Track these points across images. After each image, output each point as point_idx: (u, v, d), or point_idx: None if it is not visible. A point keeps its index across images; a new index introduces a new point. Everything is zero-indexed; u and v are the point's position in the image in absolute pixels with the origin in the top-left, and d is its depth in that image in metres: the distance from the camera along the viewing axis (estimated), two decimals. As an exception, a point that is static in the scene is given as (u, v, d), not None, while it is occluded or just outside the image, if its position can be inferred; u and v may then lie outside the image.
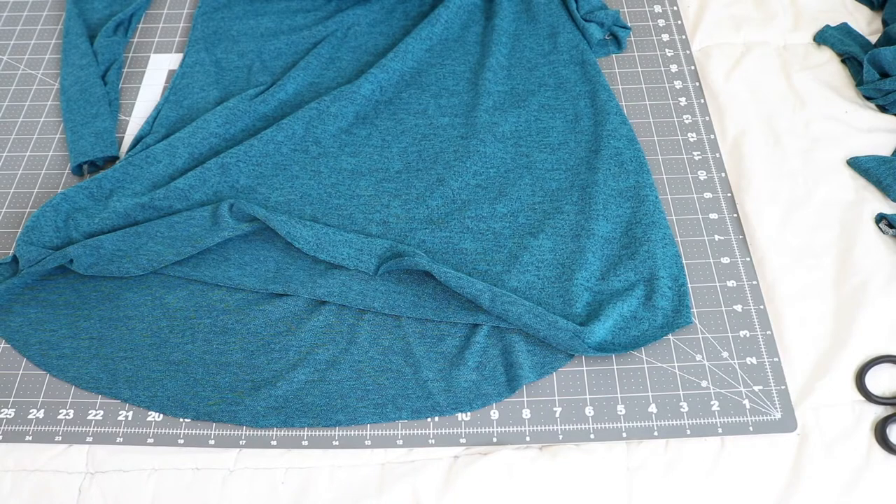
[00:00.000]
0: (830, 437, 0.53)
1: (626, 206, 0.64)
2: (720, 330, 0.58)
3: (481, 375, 0.56)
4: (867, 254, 0.60)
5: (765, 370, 0.56)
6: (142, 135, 0.70)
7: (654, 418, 0.54)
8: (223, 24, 0.80)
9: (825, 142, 0.68)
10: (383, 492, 0.52)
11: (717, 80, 0.73)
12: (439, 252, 0.62)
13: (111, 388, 0.56)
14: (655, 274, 0.59)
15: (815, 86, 0.72)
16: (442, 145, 0.69)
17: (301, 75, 0.73)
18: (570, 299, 0.58)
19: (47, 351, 0.58)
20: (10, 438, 0.54)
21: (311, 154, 0.68)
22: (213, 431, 0.54)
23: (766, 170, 0.66)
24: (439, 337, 0.57)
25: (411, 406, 0.55)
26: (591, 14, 0.77)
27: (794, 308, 0.58)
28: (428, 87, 0.73)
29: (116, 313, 0.59)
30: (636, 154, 0.67)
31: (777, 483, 0.52)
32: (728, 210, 0.64)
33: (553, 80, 0.73)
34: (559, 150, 0.68)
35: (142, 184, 0.66)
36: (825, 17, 0.77)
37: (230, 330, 0.58)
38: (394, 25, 0.79)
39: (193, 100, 0.73)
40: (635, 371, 0.56)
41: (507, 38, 0.76)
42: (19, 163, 0.70)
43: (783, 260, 0.61)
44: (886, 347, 0.56)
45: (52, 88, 0.76)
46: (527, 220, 0.63)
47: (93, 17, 0.80)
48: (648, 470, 0.52)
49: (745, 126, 0.69)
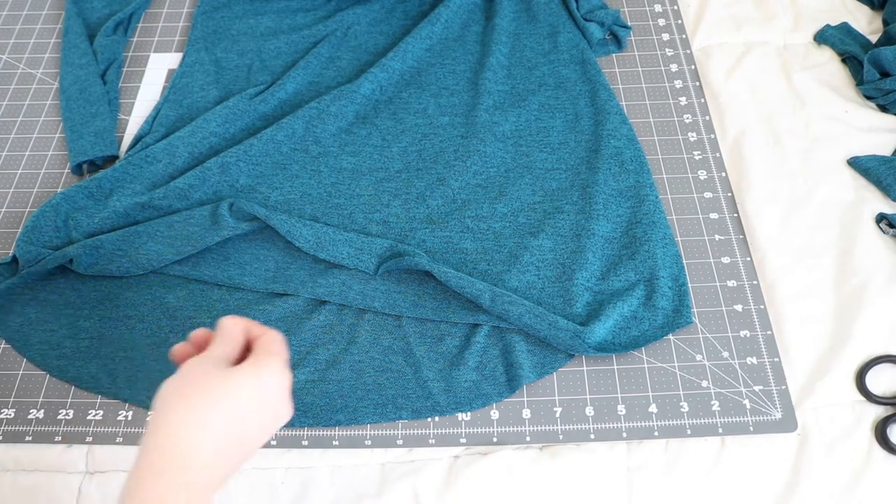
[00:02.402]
0: (830, 437, 0.53)
1: (626, 206, 0.64)
2: (720, 330, 0.58)
3: (481, 375, 0.56)
4: (867, 254, 0.60)
5: (765, 370, 0.56)
6: (141, 134, 0.70)
7: (654, 418, 0.54)
8: (223, 23, 0.80)
9: (825, 141, 0.68)
10: (383, 492, 0.52)
11: (718, 79, 0.73)
12: (439, 252, 0.61)
13: (111, 388, 0.56)
14: (656, 274, 0.59)
15: (816, 86, 0.72)
16: (442, 145, 0.69)
17: (301, 75, 0.73)
18: (571, 299, 0.58)
19: (47, 351, 0.58)
20: (10, 438, 0.54)
21: (311, 153, 0.68)
22: (213, 431, 0.54)
23: (767, 169, 0.66)
24: (439, 337, 0.57)
25: (411, 406, 0.55)
26: (592, 13, 0.77)
27: (794, 308, 0.58)
28: (428, 86, 0.73)
29: (116, 313, 0.59)
30: (636, 154, 0.67)
31: (777, 483, 0.52)
32: (728, 210, 0.64)
33: (553, 80, 0.73)
34: (559, 150, 0.68)
35: (141, 183, 0.65)
36: (825, 16, 0.77)
37: (230, 330, 0.58)
38: (394, 25, 0.79)
39: (193, 99, 0.73)
40: (635, 371, 0.56)
41: (507, 37, 0.76)
42: (19, 162, 0.70)
43: (783, 260, 0.61)
44: (887, 347, 0.56)
45: (51, 88, 0.76)
46: (527, 219, 0.63)
47: (92, 16, 0.80)
48: (649, 470, 0.52)
49: (745, 126, 0.69)
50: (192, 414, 0.37)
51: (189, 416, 0.37)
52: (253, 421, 0.39)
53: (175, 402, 0.38)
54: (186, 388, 0.38)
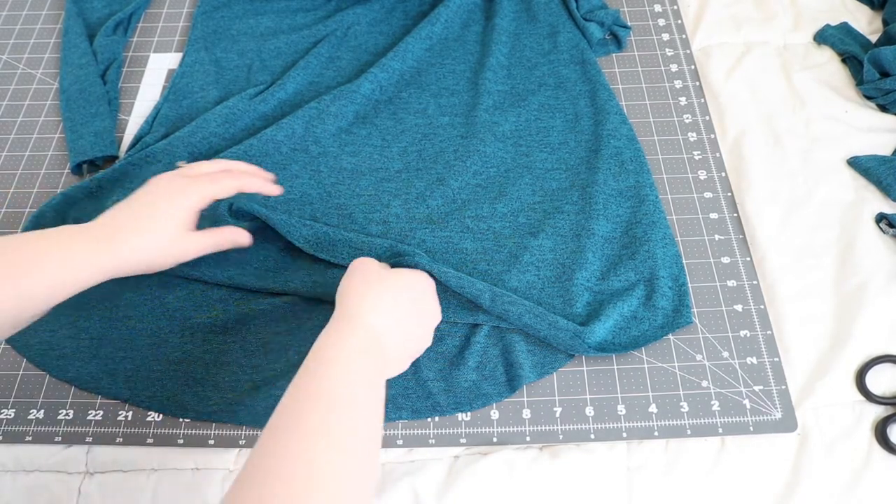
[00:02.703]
0: (830, 437, 0.53)
1: (626, 206, 0.64)
2: (720, 330, 0.58)
3: (481, 375, 0.56)
4: (867, 254, 0.60)
5: (765, 370, 0.56)
6: (141, 134, 0.70)
7: (654, 418, 0.54)
8: (223, 23, 0.80)
9: (825, 141, 0.68)
10: (383, 492, 0.52)
11: (718, 79, 0.73)
12: (439, 252, 0.61)
13: (111, 388, 0.56)
14: (655, 274, 0.59)
15: (816, 86, 0.72)
16: (442, 145, 0.69)
17: (301, 75, 0.73)
18: (571, 299, 0.58)
19: (47, 351, 0.58)
20: (10, 438, 0.54)
21: (311, 153, 0.68)
22: (213, 431, 0.54)
23: (766, 169, 0.66)
24: (439, 337, 0.57)
25: (411, 406, 0.55)
26: (591, 13, 0.77)
27: (794, 308, 0.58)
28: (428, 86, 0.73)
29: (116, 313, 0.59)
30: (636, 154, 0.67)
31: (777, 483, 0.52)
32: (728, 210, 0.64)
33: (553, 80, 0.73)
34: (559, 150, 0.68)
35: (141, 183, 0.65)
36: (825, 16, 0.77)
37: (230, 330, 0.58)
38: (394, 25, 0.79)
39: (193, 99, 0.73)
40: (635, 371, 0.56)
41: (507, 37, 0.76)
42: (18, 162, 0.70)
43: (783, 260, 0.61)
44: (887, 347, 0.56)
45: (51, 88, 0.76)
46: (527, 219, 0.63)
47: (92, 16, 0.80)
48: (648, 470, 0.52)
49: (745, 126, 0.69)
50: (381, 301, 0.46)
51: (378, 304, 0.46)
52: (422, 309, 0.51)
53: (363, 292, 0.47)
54: (369, 281, 0.48)
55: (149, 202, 0.51)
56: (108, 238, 0.48)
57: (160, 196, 0.51)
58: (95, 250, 0.48)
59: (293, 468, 0.35)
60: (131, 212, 0.50)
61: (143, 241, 0.49)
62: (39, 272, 0.45)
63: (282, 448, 0.36)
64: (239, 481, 0.35)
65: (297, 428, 0.37)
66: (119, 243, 0.48)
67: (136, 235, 0.49)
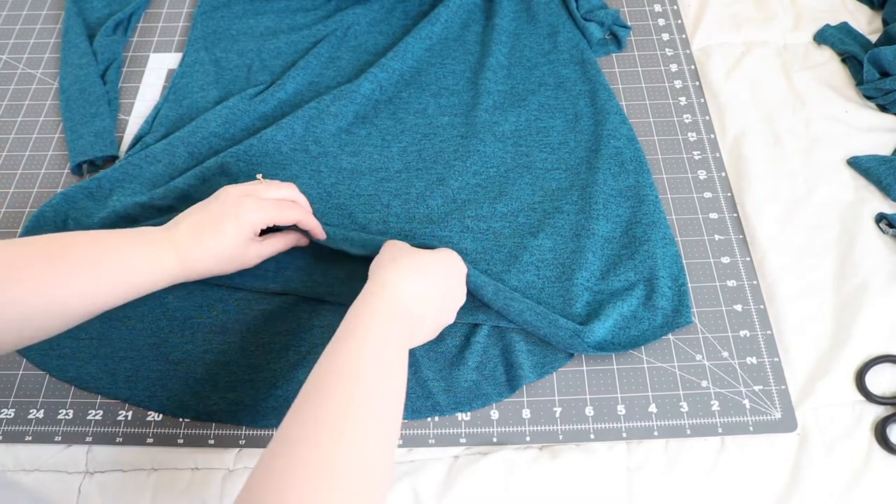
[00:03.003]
0: (830, 437, 0.53)
1: (626, 206, 0.64)
2: (720, 330, 0.58)
3: (481, 375, 0.56)
4: (867, 254, 0.60)
5: (765, 370, 0.56)
6: (141, 134, 0.70)
7: (654, 418, 0.54)
8: (223, 23, 0.80)
9: (825, 141, 0.68)
10: (383, 492, 0.52)
11: (717, 79, 0.73)
12: (439, 252, 0.61)
13: (111, 388, 0.56)
14: (655, 273, 0.59)
15: (815, 85, 0.72)
16: (442, 145, 0.69)
17: (301, 75, 0.73)
18: (571, 299, 0.58)
19: (47, 351, 0.58)
20: (10, 438, 0.54)
21: (311, 153, 0.68)
22: (213, 431, 0.54)
23: (766, 169, 0.66)
24: (439, 337, 0.57)
25: (411, 406, 0.55)
26: (591, 13, 0.77)
27: (794, 308, 0.58)
28: (428, 86, 0.73)
29: (116, 313, 0.59)
30: (636, 153, 0.67)
31: (777, 483, 0.52)
32: (728, 210, 0.64)
33: (553, 80, 0.73)
34: (559, 150, 0.68)
35: (141, 183, 0.66)
36: (825, 16, 0.77)
37: (230, 330, 0.58)
38: (393, 25, 0.79)
39: (193, 99, 0.73)
40: (635, 371, 0.56)
41: (507, 37, 0.76)
42: (18, 162, 0.70)
43: (783, 260, 0.61)
44: (886, 347, 0.56)
45: (51, 88, 0.76)
46: (527, 219, 0.63)
47: (92, 16, 0.80)
48: (648, 470, 0.52)
49: (745, 125, 0.69)
50: (410, 278, 0.49)
51: (408, 274, 0.49)
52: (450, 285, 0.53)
53: (395, 263, 0.50)
54: (401, 254, 0.51)
55: (216, 215, 0.52)
56: (174, 245, 0.50)
57: (227, 212, 0.52)
58: (163, 258, 0.50)
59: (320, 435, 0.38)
60: (197, 222, 0.52)
61: (206, 251, 0.51)
62: (112, 270, 0.48)
63: (311, 417, 0.39)
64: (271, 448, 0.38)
65: (326, 396, 0.40)
66: (183, 252, 0.51)
67: (199, 247, 0.51)
